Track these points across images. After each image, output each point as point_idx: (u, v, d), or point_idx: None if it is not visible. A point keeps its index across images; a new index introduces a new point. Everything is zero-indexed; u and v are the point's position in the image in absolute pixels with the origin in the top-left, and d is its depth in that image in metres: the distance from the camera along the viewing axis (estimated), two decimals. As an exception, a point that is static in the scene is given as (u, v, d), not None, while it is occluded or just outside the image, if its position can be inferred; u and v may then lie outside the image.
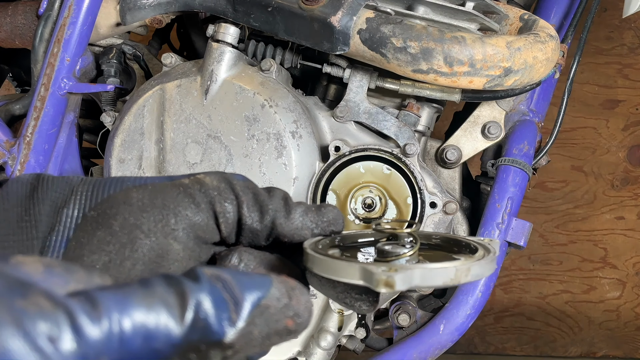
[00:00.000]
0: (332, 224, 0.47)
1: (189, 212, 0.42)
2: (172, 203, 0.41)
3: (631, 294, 2.00)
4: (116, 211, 0.40)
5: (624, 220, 1.99)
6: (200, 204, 0.42)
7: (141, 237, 0.40)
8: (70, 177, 0.44)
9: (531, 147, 1.09)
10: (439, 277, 0.39)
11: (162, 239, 0.41)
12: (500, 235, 1.05)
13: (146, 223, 0.40)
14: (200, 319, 0.31)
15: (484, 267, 0.41)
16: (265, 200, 0.44)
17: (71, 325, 0.27)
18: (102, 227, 0.40)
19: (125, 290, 0.30)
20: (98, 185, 0.42)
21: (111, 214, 0.40)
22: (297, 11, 0.96)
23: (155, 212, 0.41)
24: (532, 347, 2.03)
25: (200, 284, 0.32)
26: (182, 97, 0.99)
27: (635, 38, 1.97)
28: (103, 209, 0.41)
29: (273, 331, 0.34)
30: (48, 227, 0.41)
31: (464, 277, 0.40)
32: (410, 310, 1.10)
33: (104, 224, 0.40)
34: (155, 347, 0.30)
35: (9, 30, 1.16)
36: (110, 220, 0.40)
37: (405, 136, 1.02)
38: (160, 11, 1.08)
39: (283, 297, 0.35)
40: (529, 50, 0.93)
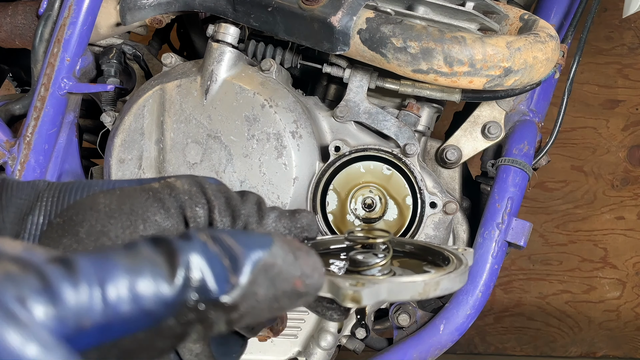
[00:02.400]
0: (305, 230, 0.46)
1: (158, 217, 0.40)
2: (141, 208, 0.40)
3: (631, 294, 2.00)
4: (82, 217, 0.39)
5: (624, 220, 1.99)
6: (170, 208, 0.41)
7: (108, 244, 0.39)
8: (36, 182, 0.43)
9: (531, 147, 1.09)
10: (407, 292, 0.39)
11: None
12: (500, 235, 1.05)
13: (113, 230, 0.39)
14: (194, 278, 0.30)
15: (453, 281, 0.40)
16: (237, 205, 0.43)
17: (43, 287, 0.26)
18: (68, 234, 0.39)
19: (107, 253, 0.29)
20: (64, 190, 0.41)
21: (77, 221, 0.39)
22: (297, 11, 0.96)
23: (123, 218, 0.40)
24: (532, 347, 2.03)
25: (191, 242, 0.31)
26: (182, 97, 0.99)
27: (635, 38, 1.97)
28: (69, 215, 0.40)
29: (280, 292, 0.33)
30: (13, 234, 0.40)
31: (432, 291, 0.39)
32: (410, 310, 1.10)
33: (69, 231, 0.39)
34: (146, 308, 0.29)
35: (9, 30, 1.16)
36: (77, 227, 0.39)
37: (405, 136, 1.02)
38: (160, 11, 1.08)
39: (288, 255, 0.33)
40: (529, 50, 0.93)
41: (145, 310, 0.28)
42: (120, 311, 0.28)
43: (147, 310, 0.28)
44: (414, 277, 0.39)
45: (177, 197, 0.41)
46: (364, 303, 0.37)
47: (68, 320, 0.26)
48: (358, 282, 0.38)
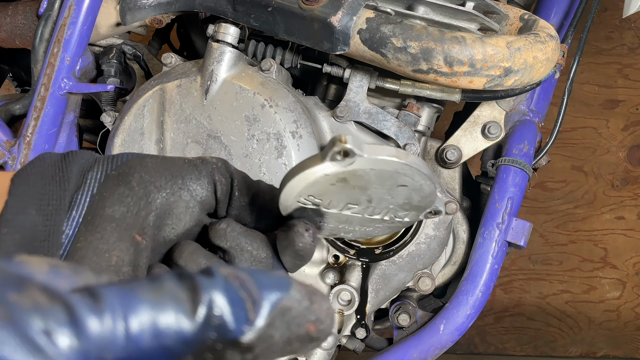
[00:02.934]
0: None
1: (193, 176, 0.49)
2: (179, 169, 0.49)
3: (631, 294, 2.00)
4: (134, 171, 0.48)
5: (624, 220, 1.99)
6: (202, 171, 0.49)
7: (154, 191, 0.47)
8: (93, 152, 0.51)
9: (531, 147, 1.09)
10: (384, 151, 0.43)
11: (171, 195, 0.48)
12: (500, 235, 1.05)
13: (158, 180, 0.48)
14: (215, 316, 0.30)
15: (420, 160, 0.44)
16: (252, 181, 0.51)
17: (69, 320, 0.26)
18: (122, 183, 0.47)
19: (131, 285, 0.29)
20: (117, 155, 0.50)
21: (130, 173, 0.47)
22: (297, 11, 0.96)
23: (166, 174, 0.48)
24: (532, 347, 2.03)
25: (214, 280, 0.31)
26: (182, 97, 0.99)
27: (635, 38, 1.97)
28: (123, 169, 0.48)
29: (294, 336, 0.33)
30: (76, 185, 0.47)
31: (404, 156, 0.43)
32: (410, 310, 1.10)
33: (123, 181, 0.47)
34: (166, 345, 0.29)
35: (9, 30, 1.16)
36: (129, 177, 0.47)
37: (405, 136, 1.02)
38: (160, 11, 1.08)
39: (304, 299, 0.34)
40: (529, 50, 0.93)
41: (165, 347, 0.29)
42: (141, 346, 0.28)
43: (166, 347, 0.29)
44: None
45: (208, 166, 0.50)
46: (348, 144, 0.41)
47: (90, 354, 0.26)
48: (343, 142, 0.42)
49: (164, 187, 0.47)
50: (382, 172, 0.44)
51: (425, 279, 1.05)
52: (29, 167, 0.48)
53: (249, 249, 0.48)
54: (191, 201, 0.49)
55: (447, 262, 1.13)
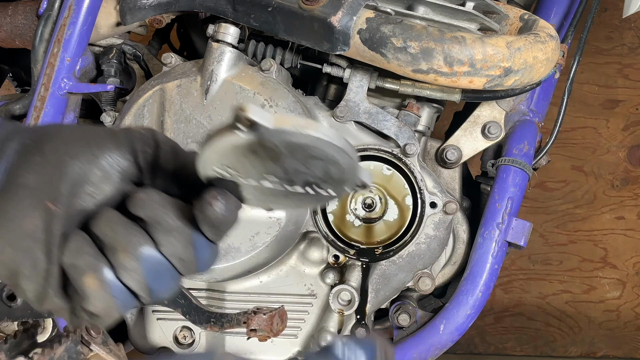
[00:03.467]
0: None
1: (111, 145, 0.49)
2: (98, 138, 0.50)
3: (631, 294, 2.00)
4: (49, 140, 0.49)
5: (624, 220, 1.99)
6: (122, 141, 0.50)
7: (68, 160, 0.48)
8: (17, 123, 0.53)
9: (531, 147, 1.09)
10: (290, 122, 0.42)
11: (86, 164, 0.48)
12: (500, 235, 1.05)
13: (73, 150, 0.48)
14: None
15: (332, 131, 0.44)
16: (181, 151, 0.52)
17: None
18: (37, 152, 0.48)
19: None
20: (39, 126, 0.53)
21: (44, 142, 0.49)
22: (297, 11, 0.96)
23: (82, 143, 0.49)
24: (532, 347, 2.03)
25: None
26: (182, 97, 0.99)
27: (635, 38, 1.97)
28: (39, 139, 0.49)
29: None
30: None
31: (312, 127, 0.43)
32: (410, 310, 1.10)
33: (37, 151, 0.48)
34: None
35: (9, 30, 1.16)
36: (43, 146, 0.48)
37: (405, 136, 1.02)
38: (160, 11, 1.08)
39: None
40: (529, 50, 0.92)
41: None
42: None
43: None
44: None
45: (130, 135, 0.51)
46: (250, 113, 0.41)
47: None
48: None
49: (78, 155, 0.48)
50: (290, 143, 0.43)
51: (425, 279, 1.05)
52: None
53: (165, 219, 0.48)
54: (109, 170, 0.49)
55: (447, 262, 1.13)
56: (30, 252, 0.47)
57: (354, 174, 0.47)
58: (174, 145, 0.52)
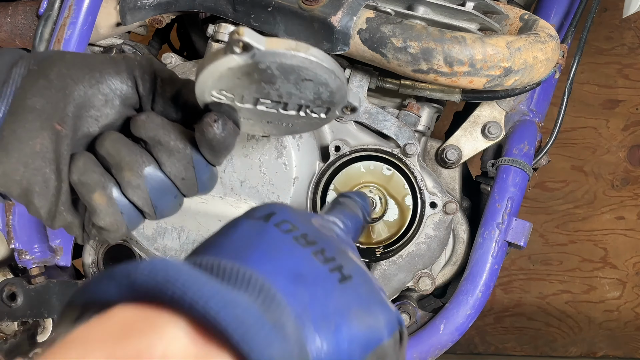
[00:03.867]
0: None
1: (112, 71, 0.52)
2: (99, 64, 0.52)
3: (631, 294, 2.00)
4: (53, 64, 0.51)
5: (624, 220, 1.99)
6: (122, 67, 0.52)
7: (72, 84, 0.50)
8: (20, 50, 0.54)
9: (531, 147, 1.09)
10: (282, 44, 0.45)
11: (89, 88, 0.50)
12: (500, 235, 1.05)
13: (76, 74, 0.50)
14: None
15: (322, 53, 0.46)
16: (178, 79, 0.54)
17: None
18: (42, 76, 0.50)
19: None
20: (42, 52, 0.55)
21: (48, 66, 0.51)
22: (297, 11, 0.96)
23: (84, 68, 0.51)
24: (532, 347, 2.03)
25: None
26: (182, 97, 0.99)
27: (635, 38, 1.97)
28: (43, 64, 0.51)
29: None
30: (2, 80, 0.51)
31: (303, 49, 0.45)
32: (410, 310, 1.10)
33: (42, 74, 0.50)
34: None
35: (9, 30, 1.16)
36: (48, 71, 0.50)
37: (405, 136, 1.02)
38: (160, 11, 1.08)
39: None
40: (529, 50, 0.93)
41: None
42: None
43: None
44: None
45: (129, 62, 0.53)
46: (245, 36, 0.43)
47: None
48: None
49: (81, 80, 0.50)
50: (283, 65, 0.45)
51: (425, 279, 1.05)
52: None
53: (167, 140, 0.51)
54: (110, 94, 0.51)
55: (447, 262, 1.13)
56: (41, 170, 0.49)
57: (343, 96, 0.50)
58: (171, 73, 0.54)
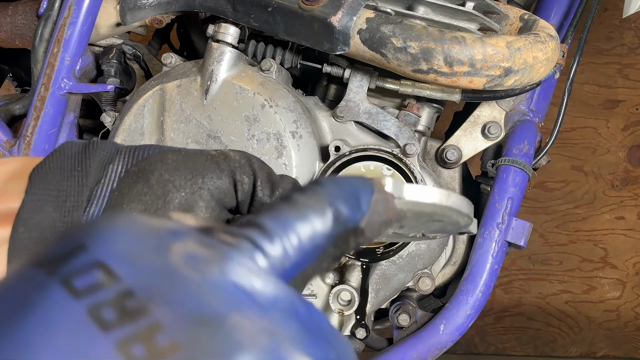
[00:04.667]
0: None
1: (214, 175, 0.50)
2: (201, 167, 0.50)
3: (631, 294, 2.00)
4: (154, 168, 0.49)
5: (624, 220, 1.99)
6: (224, 170, 0.50)
7: (173, 191, 0.48)
8: (116, 142, 0.52)
9: (531, 147, 1.09)
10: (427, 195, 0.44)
11: (190, 195, 0.49)
12: (500, 235, 1.05)
13: (178, 180, 0.49)
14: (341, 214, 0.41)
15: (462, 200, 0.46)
16: (276, 180, 0.52)
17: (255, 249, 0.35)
18: (141, 180, 0.48)
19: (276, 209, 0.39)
20: (140, 147, 0.51)
21: (149, 170, 0.48)
22: (297, 11, 0.96)
23: (186, 172, 0.49)
24: (532, 347, 2.03)
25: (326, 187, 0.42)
26: (182, 97, 0.99)
27: (635, 38, 1.97)
28: (143, 166, 0.49)
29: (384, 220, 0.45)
30: (96, 179, 0.48)
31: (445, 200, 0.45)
32: (410, 310, 1.10)
33: (142, 178, 0.48)
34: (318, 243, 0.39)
35: (9, 30, 1.16)
36: (148, 175, 0.48)
37: (405, 136, 1.02)
38: (160, 11, 1.08)
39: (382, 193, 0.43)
40: (529, 50, 0.93)
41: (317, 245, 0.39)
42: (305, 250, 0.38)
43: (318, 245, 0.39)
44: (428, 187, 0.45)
45: (230, 163, 0.51)
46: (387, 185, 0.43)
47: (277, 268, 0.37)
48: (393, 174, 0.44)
49: (183, 186, 0.48)
50: (420, 212, 0.46)
51: (425, 279, 1.05)
52: (48, 160, 0.49)
53: None
54: (211, 201, 0.49)
55: (447, 262, 1.13)
56: None
57: (467, 230, 0.50)
58: (269, 172, 0.52)
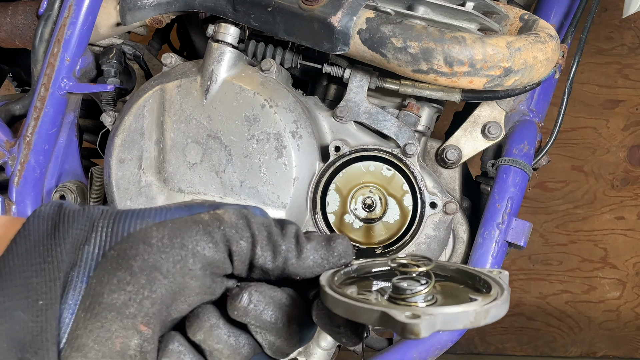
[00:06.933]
0: (342, 257, 0.49)
1: (207, 251, 0.44)
2: (191, 243, 0.44)
3: (631, 294, 2.00)
4: (136, 252, 0.42)
5: (624, 220, 1.99)
6: (219, 242, 0.44)
7: (160, 278, 0.42)
8: (91, 209, 0.45)
9: (531, 147, 1.09)
10: (460, 321, 0.40)
11: (180, 278, 0.43)
12: (500, 235, 1.05)
13: (165, 264, 0.43)
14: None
15: (500, 308, 0.42)
16: (278, 240, 0.47)
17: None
18: (122, 267, 0.42)
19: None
20: (118, 219, 0.44)
21: (131, 255, 0.42)
22: (297, 11, 0.96)
23: (174, 254, 0.43)
24: (532, 347, 2.03)
25: None
26: (182, 97, 0.99)
27: (635, 38, 1.97)
28: (123, 248, 0.43)
29: None
30: (70, 265, 0.43)
31: (482, 319, 0.41)
32: (410, 310, 1.10)
33: (124, 265, 0.42)
34: None
35: (9, 30, 1.16)
36: (130, 261, 0.42)
37: (405, 136, 1.02)
38: (160, 11, 1.08)
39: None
40: (529, 50, 0.93)
41: None
42: None
43: None
44: (464, 307, 0.41)
45: (225, 230, 0.45)
46: (422, 336, 0.38)
47: None
48: (414, 314, 0.39)
49: (171, 271, 0.43)
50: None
51: (425, 279, 1.05)
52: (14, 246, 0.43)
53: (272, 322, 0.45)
54: (205, 278, 0.44)
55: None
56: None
57: None
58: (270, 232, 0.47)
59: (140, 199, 1.01)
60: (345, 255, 0.49)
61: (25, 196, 1.10)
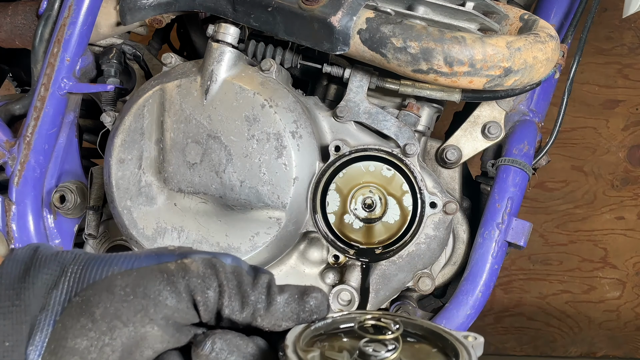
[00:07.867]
0: (314, 312, 0.48)
1: (169, 301, 0.45)
2: (154, 292, 0.45)
3: (631, 294, 2.00)
4: (99, 299, 0.44)
5: (624, 220, 1.99)
6: (182, 293, 0.45)
7: (120, 326, 0.44)
8: (64, 254, 0.47)
9: (531, 147, 1.09)
10: None
11: (140, 327, 0.44)
12: (500, 235, 1.05)
13: (126, 313, 0.44)
14: None
15: None
16: (247, 290, 0.46)
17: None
18: (85, 313, 0.44)
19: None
20: (87, 266, 0.46)
21: (94, 302, 0.44)
22: (297, 11, 0.96)
23: (136, 303, 0.44)
24: (532, 347, 2.03)
25: None
26: (182, 97, 0.99)
27: (635, 38, 1.97)
28: (87, 295, 0.45)
29: None
30: (38, 307, 0.45)
31: None
32: (410, 310, 1.10)
33: (86, 311, 0.44)
34: None
35: (9, 30, 1.16)
36: (93, 308, 0.44)
37: (405, 136, 1.02)
38: (160, 11, 1.08)
39: None
40: (529, 50, 0.93)
41: None
42: None
43: None
44: None
45: (190, 280, 0.45)
46: None
47: None
48: None
49: (132, 320, 0.44)
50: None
51: (425, 279, 1.05)
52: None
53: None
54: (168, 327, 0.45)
55: (447, 262, 1.13)
56: None
57: None
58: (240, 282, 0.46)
59: (140, 199, 1.01)
60: (318, 311, 0.48)
61: (25, 196, 1.10)
